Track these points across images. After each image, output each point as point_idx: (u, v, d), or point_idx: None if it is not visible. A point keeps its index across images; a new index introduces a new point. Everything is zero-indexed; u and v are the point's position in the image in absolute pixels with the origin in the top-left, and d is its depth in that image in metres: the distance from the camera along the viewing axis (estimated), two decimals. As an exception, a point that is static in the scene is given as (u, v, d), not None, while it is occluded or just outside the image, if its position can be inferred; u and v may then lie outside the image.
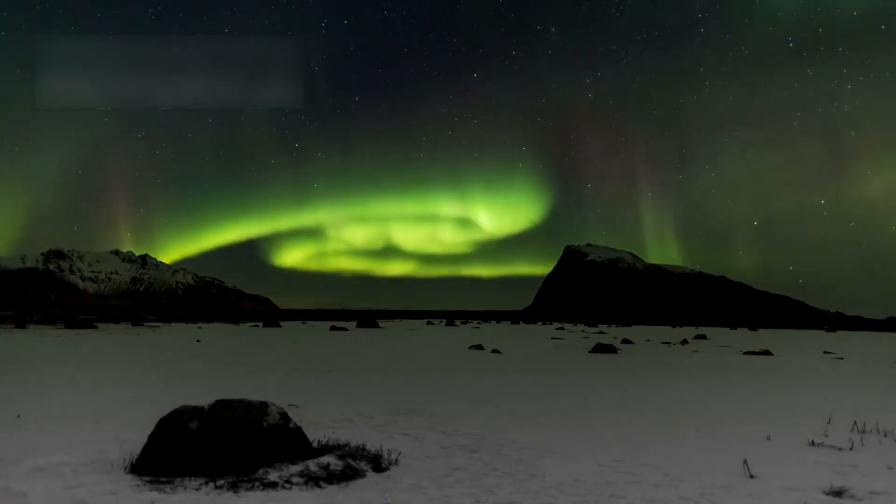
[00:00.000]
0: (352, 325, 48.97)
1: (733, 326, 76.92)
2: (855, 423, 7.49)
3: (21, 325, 36.40)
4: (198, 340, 25.77)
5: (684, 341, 32.60)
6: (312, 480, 4.60)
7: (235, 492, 4.34)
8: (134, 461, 4.91)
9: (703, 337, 38.76)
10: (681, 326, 76.02)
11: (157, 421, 5.05)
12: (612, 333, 43.80)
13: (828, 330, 68.35)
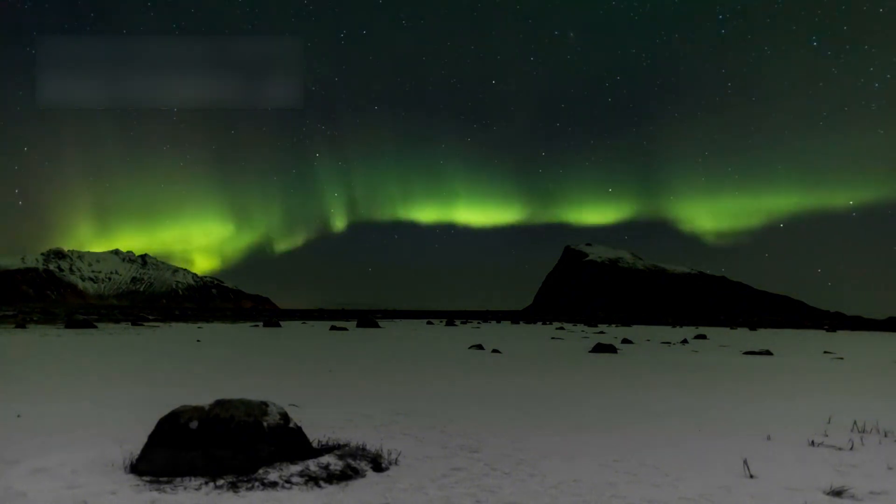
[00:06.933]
0: (352, 324, 49.09)
1: (733, 326, 76.90)
2: (855, 423, 7.49)
3: (21, 324, 36.35)
4: (198, 340, 25.76)
5: (684, 341, 32.60)
6: (312, 480, 4.60)
7: (235, 492, 4.34)
8: (134, 461, 4.90)
9: (703, 337, 38.74)
10: (681, 326, 75.95)
11: (157, 421, 5.04)
12: (612, 333, 43.78)
13: (828, 330, 68.36)
